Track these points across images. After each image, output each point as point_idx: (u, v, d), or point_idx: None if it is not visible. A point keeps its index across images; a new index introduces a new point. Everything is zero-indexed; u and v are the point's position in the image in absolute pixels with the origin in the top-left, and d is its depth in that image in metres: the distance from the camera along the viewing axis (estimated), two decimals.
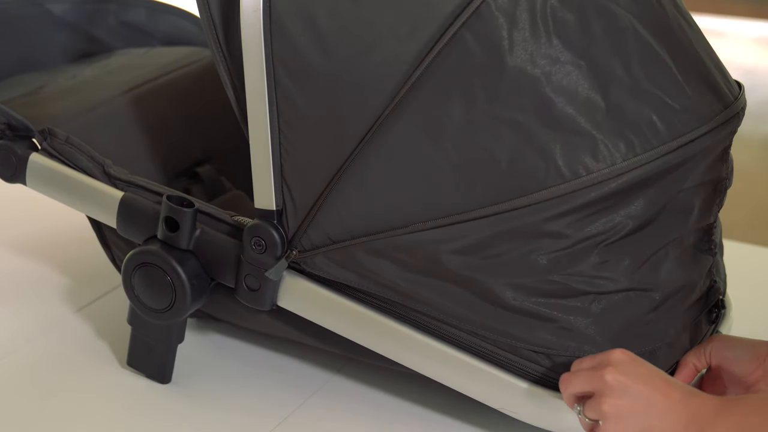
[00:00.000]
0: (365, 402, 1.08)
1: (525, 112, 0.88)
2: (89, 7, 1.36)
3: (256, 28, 0.92)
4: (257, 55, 0.93)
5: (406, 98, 0.89)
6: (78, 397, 1.08)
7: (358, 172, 0.92)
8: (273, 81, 0.93)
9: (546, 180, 0.88)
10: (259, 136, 0.95)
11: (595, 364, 0.88)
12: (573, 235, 0.89)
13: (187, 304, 1.03)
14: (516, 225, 0.89)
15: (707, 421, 0.83)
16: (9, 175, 1.11)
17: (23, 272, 1.32)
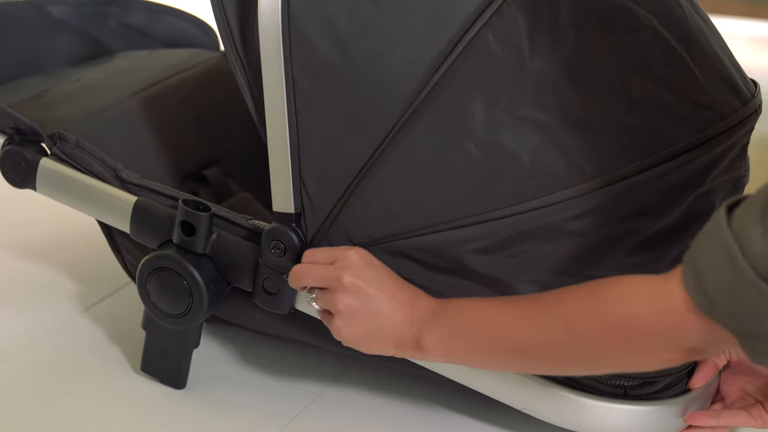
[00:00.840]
0: (369, 404, 1.08)
1: (546, 111, 0.89)
2: (90, 9, 1.35)
3: (274, 31, 0.92)
4: (275, 57, 0.92)
5: (428, 99, 0.89)
6: (85, 402, 1.07)
7: (379, 174, 0.92)
8: (291, 84, 0.93)
9: (569, 179, 0.88)
10: (277, 139, 0.95)
11: (331, 262, 0.92)
12: (596, 234, 0.89)
13: (204, 308, 1.02)
14: (539, 224, 0.89)
15: (426, 321, 0.89)
16: (19, 181, 1.10)
17: (29, 274, 1.31)
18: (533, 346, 0.83)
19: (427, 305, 0.90)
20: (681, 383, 0.96)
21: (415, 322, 0.89)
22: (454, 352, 0.88)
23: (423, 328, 0.89)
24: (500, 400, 0.97)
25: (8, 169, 1.09)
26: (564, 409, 0.95)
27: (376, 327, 0.91)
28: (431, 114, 0.89)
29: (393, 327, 0.90)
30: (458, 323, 0.88)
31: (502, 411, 1.00)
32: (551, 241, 0.90)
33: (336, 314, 0.92)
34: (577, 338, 0.80)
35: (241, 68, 0.97)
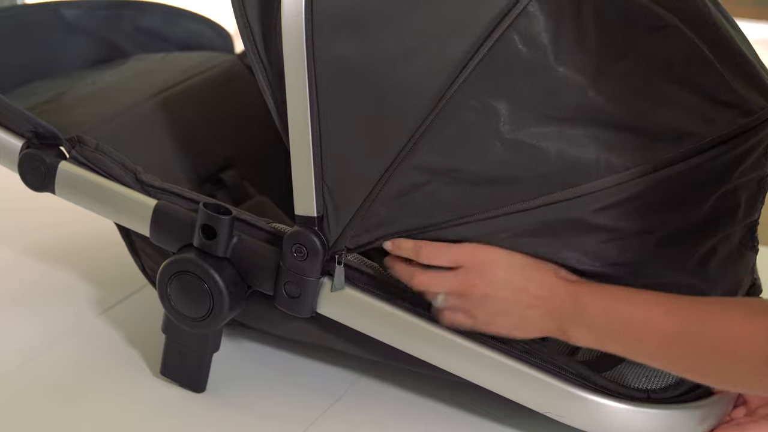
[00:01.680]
0: (392, 404, 1.08)
1: (570, 109, 0.89)
2: (104, 12, 1.35)
3: (297, 33, 0.91)
4: (298, 60, 0.92)
5: (453, 99, 0.89)
6: (105, 405, 1.07)
7: (404, 174, 0.92)
8: (314, 86, 0.93)
9: (595, 173, 0.88)
10: (300, 142, 0.95)
11: (455, 264, 0.93)
12: (622, 228, 0.90)
13: (225, 312, 1.02)
14: (564, 216, 0.90)
15: (568, 315, 0.90)
16: (38, 184, 1.09)
17: (45, 278, 1.31)
18: (679, 354, 0.86)
19: (563, 297, 0.90)
20: (705, 387, 0.96)
21: (555, 316, 0.91)
22: (605, 347, 0.90)
23: (566, 322, 0.91)
24: (523, 403, 0.97)
25: (27, 172, 1.09)
26: (587, 412, 0.95)
27: (514, 323, 0.93)
28: (456, 114, 0.90)
29: (533, 322, 0.92)
30: (608, 323, 0.89)
31: (524, 414, 1.00)
32: (576, 233, 0.90)
33: (472, 320, 0.94)
34: (727, 357, 0.83)
35: (263, 71, 0.97)
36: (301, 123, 0.94)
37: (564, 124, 0.89)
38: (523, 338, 0.94)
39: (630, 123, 0.90)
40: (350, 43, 0.91)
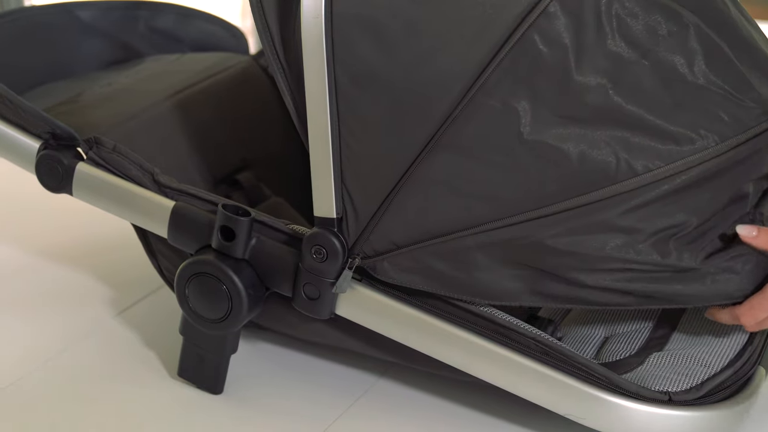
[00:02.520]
0: (410, 405, 1.08)
1: (591, 110, 0.89)
2: (119, 13, 1.35)
3: (316, 35, 0.91)
4: (318, 62, 0.92)
5: (473, 100, 0.89)
6: (122, 406, 1.07)
7: (424, 176, 0.92)
8: (334, 88, 0.93)
9: (617, 175, 0.88)
10: (319, 143, 0.94)
11: None
12: (646, 229, 0.90)
13: (243, 313, 1.02)
14: (589, 221, 0.90)
15: None
16: (55, 186, 1.09)
17: (60, 279, 1.31)
18: None
19: None
20: (726, 389, 0.96)
21: None
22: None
23: None
24: (543, 405, 0.97)
25: (45, 174, 1.09)
26: (608, 414, 0.94)
27: None
28: (477, 115, 0.89)
29: None
30: None
31: (542, 416, 1.00)
32: (600, 236, 0.90)
33: None
34: None
35: (282, 72, 0.96)
36: (320, 125, 0.94)
37: (585, 125, 0.89)
38: None
39: (651, 123, 0.89)
40: (370, 45, 0.91)
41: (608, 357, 1.03)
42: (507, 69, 0.88)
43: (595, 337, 1.07)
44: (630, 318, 1.09)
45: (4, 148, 1.11)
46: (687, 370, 0.98)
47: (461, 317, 0.97)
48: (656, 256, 0.90)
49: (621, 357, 1.03)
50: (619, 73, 0.89)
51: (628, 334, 1.06)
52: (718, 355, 1.00)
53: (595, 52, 0.89)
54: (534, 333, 0.96)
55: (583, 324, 1.09)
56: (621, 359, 1.02)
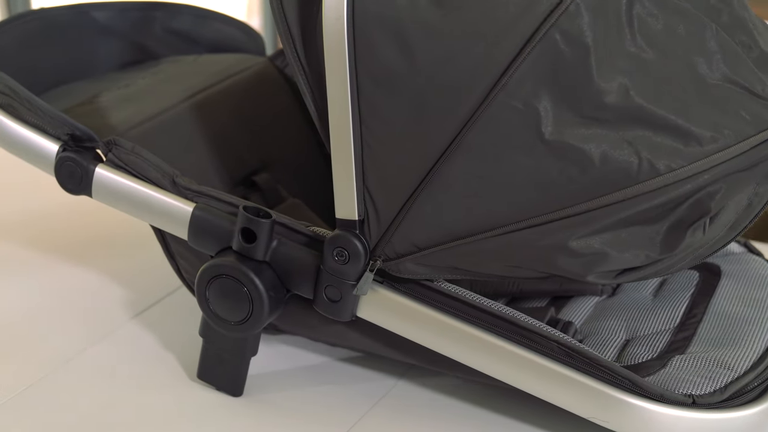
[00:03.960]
0: (431, 407, 1.08)
1: (613, 111, 0.88)
2: (135, 14, 1.34)
3: (339, 37, 0.91)
4: (340, 64, 0.91)
5: (495, 101, 0.89)
6: (141, 409, 1.07)
7: (445, 178, 0.91)
8: (356, 90, 0.92)
9: (639, 175, 0.88)
10: (341, 146, 0.94)
11: None
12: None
13: (264, 315, 1.01)
14: (611, 221, 0.89)
15: None
16: (74, 188, 1.09)
17: (76, 281, 1.30)
18: None
19: None
20: (750, 392, 0.96)
21: None
22: None
23: None
24: (566, 407, 0.97)
25: (64, 176, 1.08)
26: (631, 417, 0.94)
27: None
28: (499, 116, 0.89)
29: None
30: None
31: (563, 418, 1.00)
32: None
33: None
34: None
35: (303, 74, 0.96)
36: (342, 127, 0.93)
37: (607, 125, 0.88)
38: None
39: (673, 123, 0.89)
40: (392, 47, 0.90)
41: (630, 360, 1.03)
42: (529, 69, 0.88)
43: (615, 340, 1.07)
44: (651, 320, 1.09)
45: (23, 150, 1.10)
46: (710, 372, 0.98)
47: (483, 320, 0.97)
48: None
49: (643, 360, 1.02)
50: (640, 73, 0.89)
51: (650, 336, 1.06)
52: (741, 357, 1.00)
53: (616, 52, 0.88)
54: (557, 335, 0.96)
55: (604, 326, 1.09)
56: (643, 362, 1.02)
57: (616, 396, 0.94)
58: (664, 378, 0.98)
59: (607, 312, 1.12)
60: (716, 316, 1.08)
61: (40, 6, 1.29)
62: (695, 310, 1.10)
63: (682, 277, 1.16)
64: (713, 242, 0.96)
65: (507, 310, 0.98)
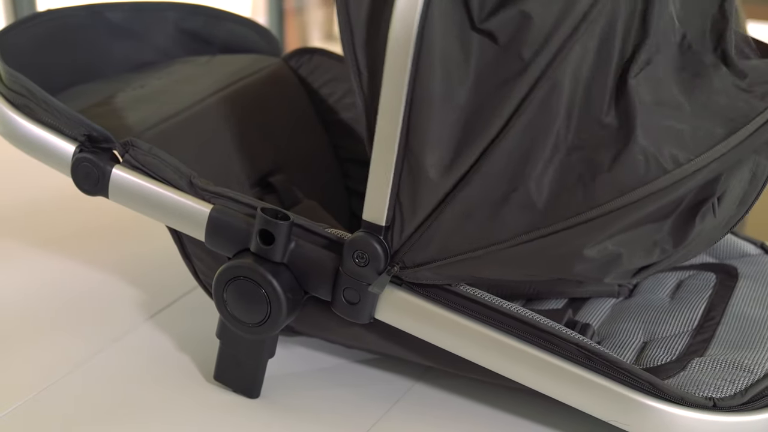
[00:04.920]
0: (448, 408, 1.07)
1: (620, 116, 0.89)
2: (148, 15, 1.34)
3: (404, 51, 0.88)
4: (399, 77, 0.89)
5: (518, 116, 0.89)
6: (157, 411, 1.06)
7: (470, 191, 0.91)
8: (409, 103, 0.91)
9: (647, 174, 0.88)
10: (383, 154, 0.93)
11: None
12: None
13: (282, 317, 1.01)
14: (638, 215, 0.90)
15: None
16: (91, 189, 1.08)
17: (91, 283, 1.30)
18: None
19: None
20: None
21: None
22: None
23: None
24: (586, 411, 0.97)
25: (81, 177, 1.08)
26: (651, 420, 0.94)
27: None
28: (524, 123, 0.89)
29: None
30: None
31: (583, 421, 0.99)
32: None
33: None
34: None
35: (358, 77, 0.93)
36: (388, 138, 0.92)
37: (616, 130, 0.89)
38: None
39: (687, 118, 0.90)
40: (450, 66, 0.90)
41: (648, 362, 1.03)
42: (543, 85, 0.88)
43: (633, 342, 1.07)
44: (669, 323, 1.09)
45: (39, 151, 1.10)
46: (730, 375, 0.98)
47: (502, 322, 0.97)
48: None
49: (661, 362, 1.02)
50: (641, 80, 0.89)
51: (668, 339, 1.06)
52: (760, 360, 1.00)
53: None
54: (576, 338, 0.96)
55: (621, 329, 1.09)
56: (662, 365, 1.02)
57: (637, 399, 0.94)
58: (684, 381, 0.98)
59: (625, 314, 1.12)
60: (735, 318, 1.08)
61: (47, 6, 1.28)
62: (713, 313, 1.09)
63: (699, 279, 1.16)
64: (725, 222, 0.97)
65: (526, 313, 0.98)
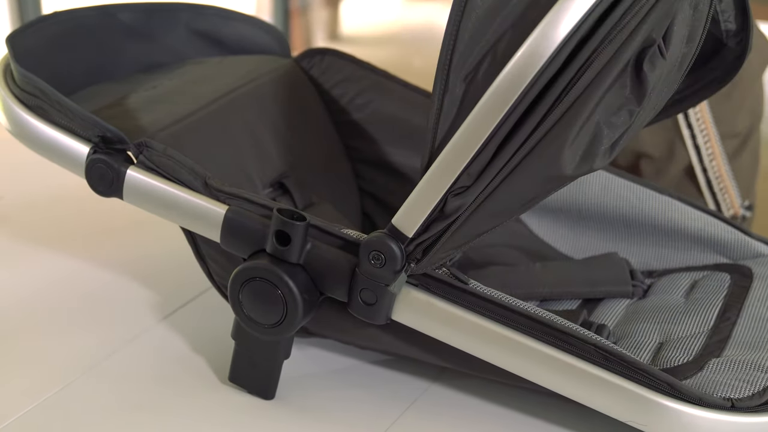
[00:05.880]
0: (464, 410, 1.07)
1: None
2: (159, 15, 1.34)
3: (516, 85, 0.87)
4: (498, 107, 0.88)
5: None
6: (172, 412, 1.06)
7: (488, 203, 0.92)
8: (488, 140, 0.89)
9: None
10: (440, 178, 0.92)
11: None
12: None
13: (298, 318, 1.01)
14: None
15: None
16: (105, 190, 1.08)
17: (104, 284, 1.30)
18: None
19: None
20: None
21: None
22: None
23: None
24: (604, 411, 0.96)
25: (95, 178, 1.08)
26: (670, 421, 0.93)
27: None
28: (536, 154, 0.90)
29: None
30: None
31: (600, 422, 0.99)
32: None
33: None
34: None
35: (441, 90, 0.91)
36: (455, 160, 0.91)
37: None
38: None
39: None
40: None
41: (665, 363, 1.02)
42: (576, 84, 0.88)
43: (649, 343, 1.06)
44: (684, 323, 1.08)
45: (53, 152, 1.10)
46: (747, 376, 0.98)
47: (519, 322, 0.97)
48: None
49: (678, 363, 1.02)
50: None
51: (684, 339, 1.06)
52: None
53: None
54: (594, 338, 0.96)
55: (636, 329, 1.09)
56: (678, 365, 1.02)
57: (655, 399, 0.94)
58: (702, 381, 0.98)
59: (639, 314, 1.12)
60: (750, 319, 1.08)
61: (52, 7, 1.28)
62: (728, 313, 1.09)
63: (714, 280, 1.16)
64: (680, 62, 0.95)
65: (543, 313, 0.98)
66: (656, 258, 1.22)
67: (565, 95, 0.87)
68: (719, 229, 1.20)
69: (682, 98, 1.09)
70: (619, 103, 0.89)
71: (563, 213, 1.25)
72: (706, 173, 1.40)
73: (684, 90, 1.08)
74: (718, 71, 1.07)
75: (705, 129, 1.38)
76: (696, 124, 1.38)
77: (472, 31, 0.89)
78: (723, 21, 1.03)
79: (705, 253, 1.21)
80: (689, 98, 1.09)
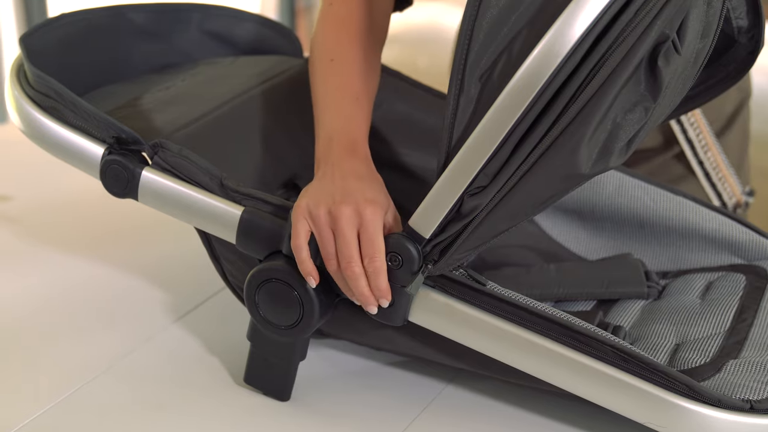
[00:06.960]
0: (480, 412, 1.07)
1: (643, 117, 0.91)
2: (171, 16, 1.33)
3: (530, 87, 0.87)
4: (515, 106, 0.88)
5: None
6: (188, 413, 1.06)
7: (505, 203, 0.92)
8: (504, 141, 0.89)
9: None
10: (457, 176, 0.92)
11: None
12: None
13: (315, 319, 1.01)
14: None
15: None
16: (120, 191, 1.08)
17: (120, 285, 1.30)
18: None
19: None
20: None
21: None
22: None
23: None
24: (621, 413, 0.96)
25: (110, 179, 1.07)
26: (688, 422, 0.93)
27: None
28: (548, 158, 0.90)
29: None
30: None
31: (616, 423, 0.99)
32: None
33: None
34: None
35: (456, 91, 0.91)
36: (470, 164, 0.91)
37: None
38: None
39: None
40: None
41: (682, 365, 1.02)
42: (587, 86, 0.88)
43: (665, 344, 1.06)
44: (701, 325, 1.08)
45: (67, 154, 1.10)
46: (766, 377, 0.97)
47: (536, 323, 0.97)
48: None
49: (696, 365, 1.02)
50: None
51: (701, 341, 1.05)
52: None
53: None
54: (611, 339, 0.96)
55: (652, 330, 1.08)
56: (696, 367, 1.01)
57: (673, 401, 0.93)
58: (720, 383, 0.97)
59: (655, 316, 1.11)
60: (767, 320, 1.07)
61: (58, 7, 1.28)
62: (745, 315, 1.09)
63: (729, 281, 1.16)
64: (695, 57, 0.96)
65: (559, 314, 0.98)
66: (671, 259, 1.21)
67: (580, 93, 0.87)
68: (734, 230, 1.20)
69: (695, 95, 1.09)
70: (635, 99, 0.89)
71: (577, 214, 1.25)
72: (702, 165, 1.39)
73: (697, 86, 1.08)
74: (730, 67, 1.07)
75: (695, 122, 1.37)
76: (685, 118, 1.37)
77: (487, 31, 0.89)
78: (734, 18, 1.03)
79: (720, 254, 1.20)
80: (702, 94, 1.09)
